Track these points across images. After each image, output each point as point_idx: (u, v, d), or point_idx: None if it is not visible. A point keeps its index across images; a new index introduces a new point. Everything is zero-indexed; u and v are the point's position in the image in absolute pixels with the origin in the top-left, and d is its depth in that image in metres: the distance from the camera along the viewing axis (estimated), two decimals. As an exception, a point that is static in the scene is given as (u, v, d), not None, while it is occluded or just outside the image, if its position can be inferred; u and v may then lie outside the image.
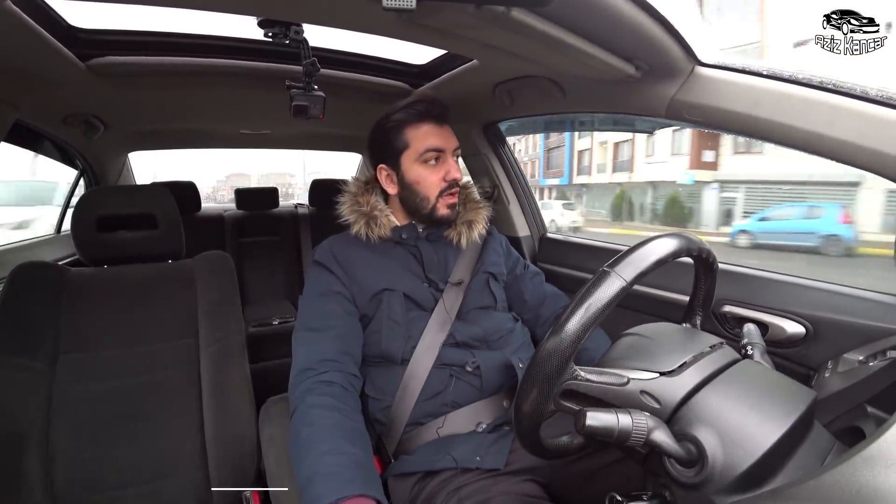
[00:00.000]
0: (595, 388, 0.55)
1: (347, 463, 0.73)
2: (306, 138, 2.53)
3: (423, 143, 1.00)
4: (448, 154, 1.02)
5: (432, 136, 1.00)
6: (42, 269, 1.10)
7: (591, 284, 0.53)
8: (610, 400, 0.55)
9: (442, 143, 1.00)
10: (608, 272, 0.53)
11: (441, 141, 1.00)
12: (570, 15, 0.71)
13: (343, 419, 0.80)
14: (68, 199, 2.16)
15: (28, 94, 1.18)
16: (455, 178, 1.01)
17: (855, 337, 0.84)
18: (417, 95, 1.05)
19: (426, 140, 1.00)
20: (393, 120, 1.02)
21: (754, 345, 0.66)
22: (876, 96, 0.69)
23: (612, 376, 0.55)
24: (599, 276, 0.53)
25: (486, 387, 0.96)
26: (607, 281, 0.52)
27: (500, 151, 1.68)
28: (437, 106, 1.02)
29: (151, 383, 1.06)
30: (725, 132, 0.88)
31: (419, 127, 1.00)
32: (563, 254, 1.58)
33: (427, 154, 1.00)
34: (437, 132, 1.01)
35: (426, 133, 1.00)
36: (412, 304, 1.00)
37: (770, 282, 1.01)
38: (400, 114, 1.02)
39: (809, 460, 0.50)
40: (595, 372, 0.55)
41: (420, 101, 1.02)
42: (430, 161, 1.00)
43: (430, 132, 1.00)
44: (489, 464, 0.84)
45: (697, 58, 0.86)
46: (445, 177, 1.01)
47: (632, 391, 0.54)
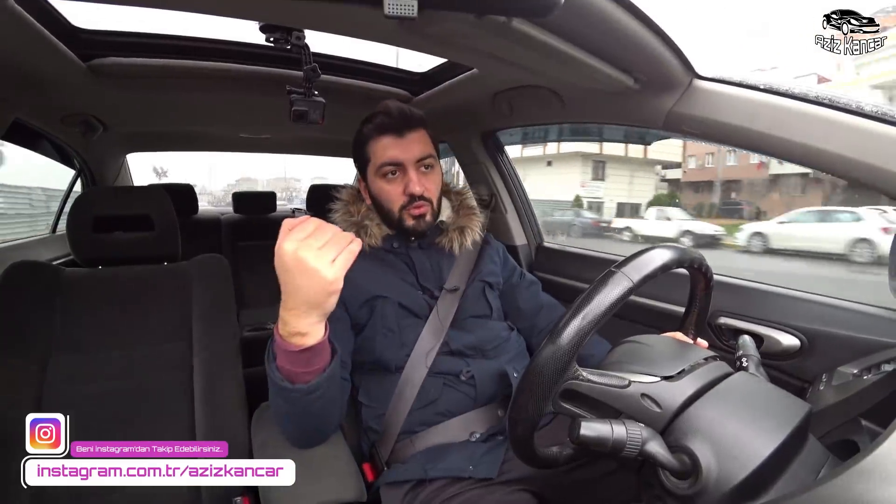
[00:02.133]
0: (596, 388, 0.55)
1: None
2: (305, 143, 2.53)
3: (381, 157, 0.98)
4: (409, 166, 0.98)
5: (390, 149, 0.97)
6: (36, 269, 1.09)
7: (597, 284, 0.53)
8: (610, 402, 0.54)
9: (400, 156, 0.97)
10: (615, 272, 0.54)
11: (399, 153, 0.97)
12: (570, 26, 0.71)
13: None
14: (65, 198, 2.16)
15: (27, 93, 1.18)
16: (413, 192, 0.97)
17: (849, 350, 0.84)
18: (379, 106, 1.02)
19: (384, 154, 0.98)
20: (360, 133, 1.02)
21: (749, 357, 0.66)
22: (871, 112, 0.70)
23: (614, 378, 0.55)
24: (605, 275, 0.54)
25: (480, 396, 0.95)
26: (612, 281, 0.53)
27: (498, 160, 1.68)
28: (395, 116, 0.98)
29: (143, 386, 1.05)
30: (722, 145, 0.89)
31: (378, 140, 0.99)
32: (559, 263, 1.58)
33: (384, 168, 0.98)
34: (395, 144, 0.98)
35: (384, 146, 0.98)
36: (406, 311, 0.99)
37: (765, 294, 1.02)
38: (365, 127, 1.02)
39: (803, 473, 0.50)
40: (596, 373, 0.56)
41: (379, 114, 1.00)
42: (388, 175, 0.99)
43: (388, 145, 0.98)
44: (482, 473, 0.83)
45: (695, 71, 0.87)
46: (405, 191, 0.98)
47: (632, 393, 0.54)
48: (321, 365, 0.72)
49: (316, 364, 0.71)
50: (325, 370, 0.72)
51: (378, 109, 1.01)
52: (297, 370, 0.70)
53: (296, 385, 0.71)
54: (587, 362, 1.00)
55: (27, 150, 1.74)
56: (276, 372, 0.71)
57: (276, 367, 0.71)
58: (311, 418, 0.80)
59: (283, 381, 0.71)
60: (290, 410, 0.77)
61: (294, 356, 0.68)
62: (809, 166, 0.77)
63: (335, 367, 0.74)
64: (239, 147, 2.63)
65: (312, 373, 0.71)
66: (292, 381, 0.71)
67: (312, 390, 0.72)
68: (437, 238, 1.08)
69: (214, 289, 1.19)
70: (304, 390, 0.71)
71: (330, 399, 0.78)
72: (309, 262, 0.61)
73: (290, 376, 0.71)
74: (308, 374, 0.71)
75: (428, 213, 1.01)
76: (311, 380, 0.71)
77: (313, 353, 0.69)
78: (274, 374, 0.71)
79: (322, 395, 0.74)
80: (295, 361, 0.69)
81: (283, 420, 0.82)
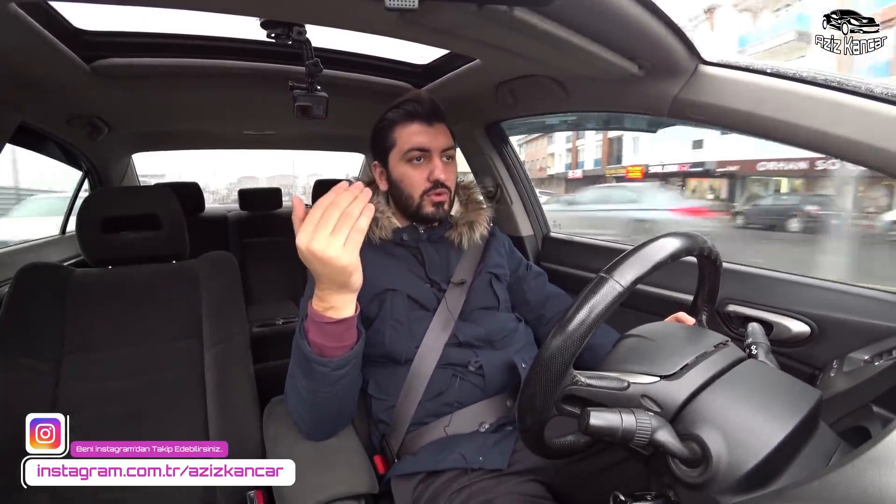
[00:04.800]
0: (595, 392, 0.55)
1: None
2: (309, 139, 2.53)
3: (409, 142, 1.00)
4: (434, 154, 1.01)
5: (419, 136, 1.00)
6: (47, 271, 1.11)
7: (594, 286, 0.53)
8: (611, 405, 0.54)
9: (428, 143, 1.00)
10: (622, 263, 0.54)
11: (427, 140, 1.00)
12: (572, 14, 0.70)
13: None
14: (73, 200, 2.18)
15: (32, 96, 1.19)
16: (438, 178, 1.00)
17: (860, 336, 0.84)
18: (410, 95, 1.05)
19: (412, 139, 1.00)
20: (385, 119, 1.04)
21: (759, 344, 0.66)
22: (881, 94, 0.68)
23: (613, 381, 0.55)
24: (616, 262, 0.54)
25: (490, 387, 0.96)
26: (617, 274, 0.53)
27: (502, 151, 1.68)
28: (427, 106, 1.01)
29: (155, 383, 1.07)
30: (728, 130, 0.88)
31: (407, 126, 1.01)
32: (566, 253, 1.58)
33: (411, 153, 1.00)
34: (424, 132, 1.00)
35: (413, 132, 1.00)
36: (415, 304, 1.00)
37: (775, 281, 1.01)
38: (391, 112, 1.03)
39: (814, 460, 0.49)
40: (595, 377, 0.55)
41: (409, 101, 1.02)
42: (414, 160, 1.01)
43: (417, 131, 1.00)
44: (492, 464, 0.84)
45: (701, 56, 0.86)
46: (429, 176, 1.00)
47: (632, 395, 0.54)
48: (350, 341, 0.77)
49: (346, 339, 0.76)
50: (354, 347, 0.77)
51: (408, 97, 1.03)
52: (330, 344, 0.75)
53: (326, 358, 0.75)
54: (595, 352, 1.01)
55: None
56: (307, 346, 0.75)
57: (308, 342, 0.75)
58: (333, 401, 0.83)
59: (314, 355, 0.75)
60: (314, 390, 0.80)
61: (328, 328, 0.73)
62: (818, 151, 0.76)
63: (361, 347, 0.80)
64: (243, 144, 2.63)
65: (343, 348, 0.76)
66: (322, 355, 0.75)
67: (342, 365, 0.77)
68: (447, 232, 1.08)
69: (223, 285, 1.20)
70: (333, 364, 0.76)
71: (353, 379, 0.83)
72: (322, 252, 0.64)
73: (321, 350, 0.75)
74: (339, 349, 0.76)
75: (447, 201, 1.04)
76: (341, 354, 0.76)
77: (345, 327, 0.74)
78: (306, 348, 0.75)
79: (348, 374, 0.79)
80: (328, 334, 0.74)
81: (302, 407, 0.85)
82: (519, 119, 1.54)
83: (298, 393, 0.83)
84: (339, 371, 0.77)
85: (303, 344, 0.76)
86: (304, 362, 0.77)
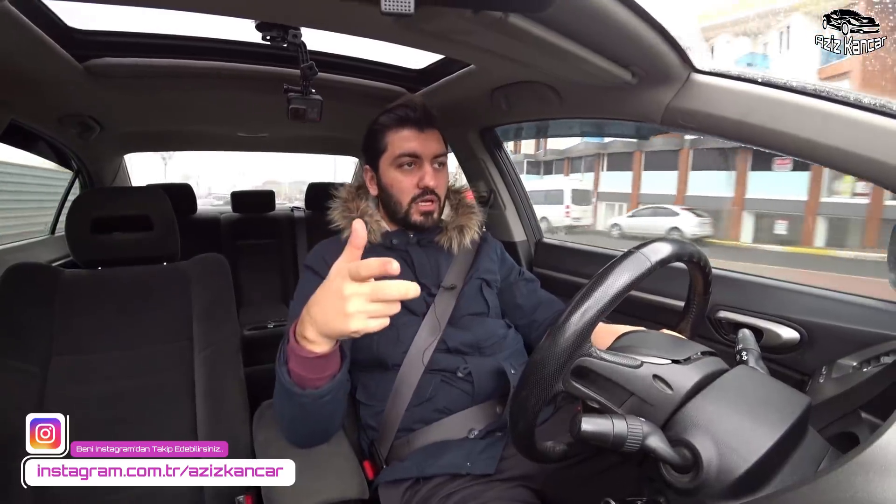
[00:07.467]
0: (608, 367, 0.55)
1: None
2: (303, 142, 2.53)
3: (399, 148, 1.00)
4: (425, 160, 1.00)
5: (410, 141, 1.00)
6: (35, 271, 1.09)
7: (615, 262, 0.55)
8: (622, 382, 0.55)
9: (419, 149, 1.00)
10: (634, 251, 0.56)
11: (418, 146, 1.00)
12: (567, 21, 0.71)
13: None
14: (63, 200, 2.15)
15: (23, 95, 1.17)
16: (428, 184, 0.99)
17: (849, 342, 0.84)
18: (402, 100, 1.04)
19: (403, 145, 1.00)
20: (377, 123, 1.04)
21: (749, 350, 0.66)
22: (870, 104, 0.69)
23: (627, 358, 0.56)
24: (626, 255, 0.56)
25: (478, 393, 0.95)
26: (631, 259, 0.55)
27: (496, 156, 1.68)
28: (419, 111, 1.01)
29: (145, 386, 1.05)
30: (720, 139, 0.89)
31: (398, 131, 1.01)
32: (559, 259, 1.58)
33: (401, 158, 1.00)
34: (416, 137, 1.00)
35: (404, 138, 1.00)
36: (403, 308, 0.99)
37: (765, 287, 1.02)
38: (383, 117, 1.03)
39: (804, 466, 0.50)
40: (609, 352, 0.56)
41: (401, 106, 1.02)
42: (405, 166, 1.00)
43: (408, 137, 1.00)
44: (479, 469, 0.84)
45: (693, 65, 0.87)
46: (419, 183, 1.00)
47: (645, 374, 0.55)
48: (332, 371, 0.71)
49: (327, 370, 0.70)
50: (336, 375, 0.71)
51: (400, 102, 1.03)
52: (309, 375, 0.69)
53: (306, 390, 0.70)
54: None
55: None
56: (286, 376, 0.70)
57: (287, 371, 0.70)
58: (317, 421, 0.80)
59: (294, 387, 0.70)
60: (296, 414, 0.76)
61: (307, 361, 0.67)
62: (807, 160, 0.77)
63: (344, 373, 0.74)
64: (237, 146, 2.62)
65: (323, 378, 0.70)
66: (302, 385, 0.70)
67: (322, 395, 0.71)
68: (437, 236, 1.08)
69: (214, 288, 1.19)
70: (313, 395, 0.70)
71: (337, 402, 0.77)
72: (349, 307, 0.59)
73: (300, 381, 0.69)
74: (319, 379, 0.70)
75: (435, 210, 1.03)
76: (321, 385, 0.70)
77: (326, 360, 0.68)
78: (284, 377, 0.70)
79: (331, 400, 0.73)
80: (307, 367, 0.68)
81: (287, 423, 0.82)
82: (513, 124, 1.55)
83: (283, 412, 0.79)
84: (321, 400, 0.71)
85: (282, 373, 0.70)
86: (284, 392, 0.72)
